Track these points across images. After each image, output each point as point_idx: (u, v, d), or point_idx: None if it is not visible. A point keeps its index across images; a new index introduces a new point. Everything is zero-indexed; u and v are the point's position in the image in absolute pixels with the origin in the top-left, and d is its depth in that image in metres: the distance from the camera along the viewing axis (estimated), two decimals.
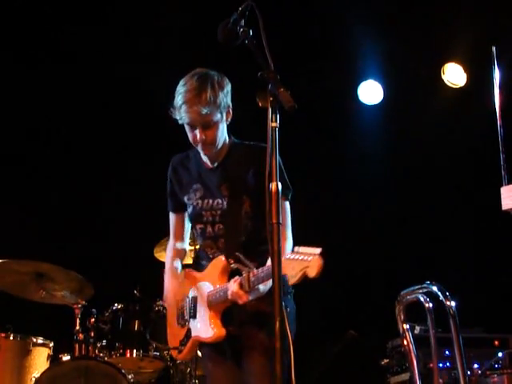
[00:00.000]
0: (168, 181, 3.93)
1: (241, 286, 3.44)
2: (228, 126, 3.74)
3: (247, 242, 3.63)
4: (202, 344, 3.75)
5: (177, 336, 3.84)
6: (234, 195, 3.67)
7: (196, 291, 3.76)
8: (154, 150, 7.62)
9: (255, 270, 3.38)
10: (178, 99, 3.55)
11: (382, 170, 8.27)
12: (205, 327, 3.64)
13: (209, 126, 3.56)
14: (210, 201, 3.72)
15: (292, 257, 2.89)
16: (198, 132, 3.58)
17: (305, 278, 2.85)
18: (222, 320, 3.62)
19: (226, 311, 3.62)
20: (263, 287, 3.47)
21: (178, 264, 3.96)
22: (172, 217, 3.99)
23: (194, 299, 3.75)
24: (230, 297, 3.49)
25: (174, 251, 4.00)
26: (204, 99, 3.49)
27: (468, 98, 7.24)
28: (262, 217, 2.91)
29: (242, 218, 3.65)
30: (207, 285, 3.69)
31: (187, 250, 4.10)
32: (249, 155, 3.67)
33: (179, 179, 3.87)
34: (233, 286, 3.47)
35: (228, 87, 3.63)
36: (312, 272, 2.82)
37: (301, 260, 2.86)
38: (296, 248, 2.93)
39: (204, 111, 3.49)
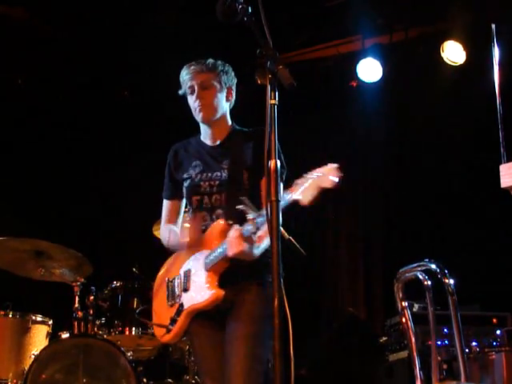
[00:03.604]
0: (167, 165, 4.02)
1: (241, 235, 3.45)
2: (231, 114, 3.96)
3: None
4: (192, 318, 3.74)
5: (165, 316, 3.83)
6: (234, 167, 3.77)
7: (189, 264, 3.78)
8: (156, 129, 7.63)
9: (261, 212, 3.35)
10: (184, 73, 3.89)
11: (382, 148, 8.26)
12: (201, 291, 3.65)
13: (206, 86, 3.83)
14: (209, 174, 3.82)
15: (300, 181, 3.05)
16: (195, 95, 3.83)
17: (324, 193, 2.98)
18: (220, 282, 3.63)
19: (224, 274, 3.63)
20: (258, 247, 3.52)
21: (175, 228, 3.97)
22: (166, 204, 4.05)
23: (187, 273, 3.77)
24: (228, 244, 3.49)
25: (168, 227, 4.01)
26: (204, 64, 3.85)
27: (467, 76, 7.22)
28: (257, 190, 3.26)
29: (241, 187, 3.71)
30: (204, 252, 3.71)
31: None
32: (250, 136, 3.85)
33: (179, 160, 3.98)
34: (233, 232, 3.49)
35: (228, 68, 3.92)
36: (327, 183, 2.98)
37: (313, 179, 3.04)
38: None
39: (204, 69, 3.83)
